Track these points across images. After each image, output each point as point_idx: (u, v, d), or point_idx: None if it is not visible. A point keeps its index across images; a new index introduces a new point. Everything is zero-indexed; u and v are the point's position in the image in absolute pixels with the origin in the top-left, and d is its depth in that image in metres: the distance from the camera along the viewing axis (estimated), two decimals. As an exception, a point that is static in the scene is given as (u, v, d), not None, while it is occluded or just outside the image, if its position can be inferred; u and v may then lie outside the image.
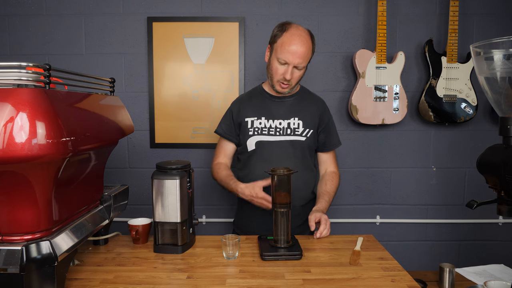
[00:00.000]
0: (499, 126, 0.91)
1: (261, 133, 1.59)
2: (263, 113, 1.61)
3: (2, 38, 2.15)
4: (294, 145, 1.58)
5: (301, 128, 1.59)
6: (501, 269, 1.60)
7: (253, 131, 1.59)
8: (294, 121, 1.60)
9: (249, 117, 1.61)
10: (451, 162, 2.25)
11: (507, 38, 0.88)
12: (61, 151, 0.88)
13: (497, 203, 0.94)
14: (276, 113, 1.61)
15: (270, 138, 1.58)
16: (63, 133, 0.89)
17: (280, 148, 1.58)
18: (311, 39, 1.51)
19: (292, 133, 1.59)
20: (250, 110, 1.63)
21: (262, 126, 1.59)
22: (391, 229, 2.27)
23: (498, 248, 2.27)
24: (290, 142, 1.58)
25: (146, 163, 2.22)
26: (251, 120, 1.61)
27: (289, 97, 1.63)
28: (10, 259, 0.87)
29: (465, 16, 2.16)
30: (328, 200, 1.58)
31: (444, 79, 2.09)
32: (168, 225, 1.28)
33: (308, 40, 1.49)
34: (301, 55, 1.46)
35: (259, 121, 1.60)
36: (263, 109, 1.62)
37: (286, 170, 1.28)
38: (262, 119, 1.60)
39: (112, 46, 2.17)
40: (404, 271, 1.15)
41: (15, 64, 0.86)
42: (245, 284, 1.07)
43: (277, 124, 1.59)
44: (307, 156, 1.62)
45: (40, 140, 0.83)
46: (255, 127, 1.60)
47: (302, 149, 1.60)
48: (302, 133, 1.59)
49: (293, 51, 1.45)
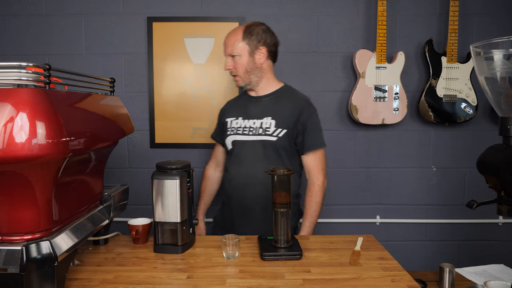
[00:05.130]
0: (499, 126, 0.91)
1: (237, 132, 1.61)
2: (241, 113, 1.64)
3: (2, 38, 2.15)
4: (264, 145, 1.56)
5: (273, 128, 1.56)
6: (501, 269, 1.60)
7: (231, 131, 1.63)
8: (266, 121, 1.57)
9: (229, 117, 1.67)
10: (451, 162, 2.25)
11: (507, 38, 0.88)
12: (61, 151, 0.88)
13: (497, 203, 0.94)
14: (251, 112, 1.62)
15: (243, 137, 1.60)
16: (63, 133, 0.89)
17: (251, 148, 1.58)
18: (244, 30, 1.56)
19: (263, 133, 1.57)
20: (232, 111, 1.68)
21: (238, 125, 1.62)
22: (391, 229, 2.27)
23: (498, 248, 2.27)
24: (261, 142, 1.56)
25: (146, 163, 2.22)
26: (230, 120, 1.65)
27: (265, 96, 1.63)
28: (10, 259, 0.87)
29: (465, 16, 2.16)
30: (309, 225, 1.57)
31: (444, 79, 2.09)
32: (168, 225, 1.28)
33: (238, 31, 1.57)
34: (228, 43, 1.57)
35: (236, 121, 1.64)
36: (242, 109, 1.65)
37: (286, 170, 1.28)
38: (240, 119, 1.63)
39: (112, 46, 2.17)
40: (404, 271, 1.15)
41: (15, 64, 0.86)
42: (245, 284, 1.07)
43: (251, 123, 1.60)
44: (282, 157, 1.57)
45: (40, 140, 0.82)
46: (232, 127, 1.63)
47: (274, 149, 1.56)
48: (273, 133, 1.55)
49: (224, 42, 1.60)
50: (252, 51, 1.55)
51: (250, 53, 1.55)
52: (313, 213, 1.58)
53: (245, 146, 1.59)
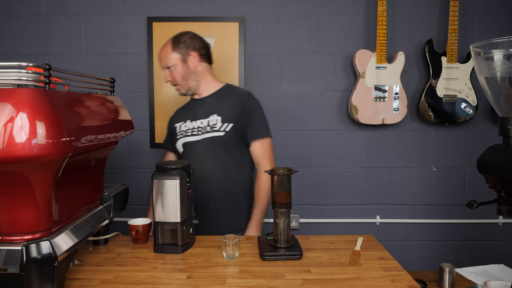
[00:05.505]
0: (499, 126, 0.91)
1: (186, 134, 1.68)
2: (189, 116, 1.71)
3: (2, 38, 2.15)
4: (214, 141, 1.62)
5: (219, 124, 1.63)
6: (501, 269, 1.60)
7: (180, 134, 1.71)
8: (213, 118, 1.64)
9: (178, 123, 1.74)
10: (451, 162, 2.25)
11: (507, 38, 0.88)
12: (61, 151, 0.88)
13: (497, 203, 0.94)
14: (198, 113, 1.69)
15: (193, 138, 1.66)
16: (63, 133, 0.89)
17: (202, 146, 1.64)
18: (172, 41, 1.64)
19: (211, 130, 1.64)
20: (179, 116, 1.76)
21: (186, 128, 1.69)
22: (391, 229, 2.27)
23: (498, 248, 2.27)
24: (210, 139, 1.63)
25: (146, 163, 2.22)
26: (179, 125, 1.73)
27: (209, 96, 1.70)
28: (10, 259, 0.87)
29: (465, 16, 2.16)
30: (258, 212, 1.63)
31: (444, 79, 2.09)
32: (168, 225, 1.28)
33: (167, 44, 1.65)
34: (161, 58, 1.67)
35: (185, 124, 1.71)
36: (189, 112, 1.72)
37: (286, 170, 1.28)
38: (188, 122, 1.70)
39: (112, 46, 2.17)
40: (404, 271, 1.15)
41: (15, 64, 0.86)
42: (245, 284, 1.07)
43: (199, 123, 1.67)
44: (233, 151, 1.64)
45: (40, 140, 0.82)
46: (182, 130, 1.71)
47: (224, 144, 1.62)
48: (221, 128, 1.62)
49: (158, 58, 1.71)
50: (184, 58, 1.63)
51: (183, 61, 1.63)
52: (262, 200, 1.64)
53: (196, 146, 1.65)
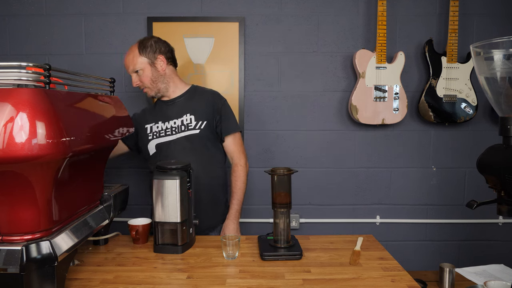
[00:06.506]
0: (499, 126, 0.91)
1: (159, 135, 1.70)
2: (160, 118, 1.73)
3: (2, 38, 2.15)
4: (189, 140, 1.66)
5: (194, 122, 1.67)
6: (501, 269, 1.60)
7: (152, 135, 1.72)
8: (186, 117, 1.68)
9: (148, 123, 1.75)
10: (451, 162, 2.25)
11: (507, 38, 0.88)
12: (61, 151, 0.88)
13: (497, 203, 0.94)
14: (170, 114, 1.72)
15: (167, 138, 1.69)
16: (63, 133, 0.89)
17: (177, 145, 1.67)
18: (138, 46, 1.66)
19: (186, 129, 1.67)
20: (149, 117, 1.76)
21: (159, 129, 1.72)
22: (391, 229, 2.27)
23: (498, 248, 2.27)
24: (185, 137, 1.66)
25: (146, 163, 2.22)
26: (150, 126, 1.74)
27: (178, 97, 1.74)
28: (10, 259, 0.87)
29: (465, 16, 2.16)
30: (237, 202, 1.70)
31: (444, 79, 2.09)
32: (168, 225, 1.28)
33: (133, 49, 1.67)
34: (128, 63, 1.67)
35: (157, 125, 1.73)
36: (160, 114, 1.74)
37: (286, 170, 1.28)
38: (159, 123, 1.72)
39: (112, 46, 2.17)
40: (404, 271, 1.15)
41: (15, 64, 0.86)
42: (245, 284, 1.07)
43: (172, 124, 1.70)
44: (209, 148, 1.69)
45: (40, 140, 0.83)
46: (154, 132, 1.72)
47: (199, 141, 1.67)
48: (195, 126, 1.67)
49: (124, 63, 1.71)
50: (152, 62, 1.66)
51: (151, 64, 1.66)
52: (239, 191, 1.70)
53: (172, 145, 1.67)
